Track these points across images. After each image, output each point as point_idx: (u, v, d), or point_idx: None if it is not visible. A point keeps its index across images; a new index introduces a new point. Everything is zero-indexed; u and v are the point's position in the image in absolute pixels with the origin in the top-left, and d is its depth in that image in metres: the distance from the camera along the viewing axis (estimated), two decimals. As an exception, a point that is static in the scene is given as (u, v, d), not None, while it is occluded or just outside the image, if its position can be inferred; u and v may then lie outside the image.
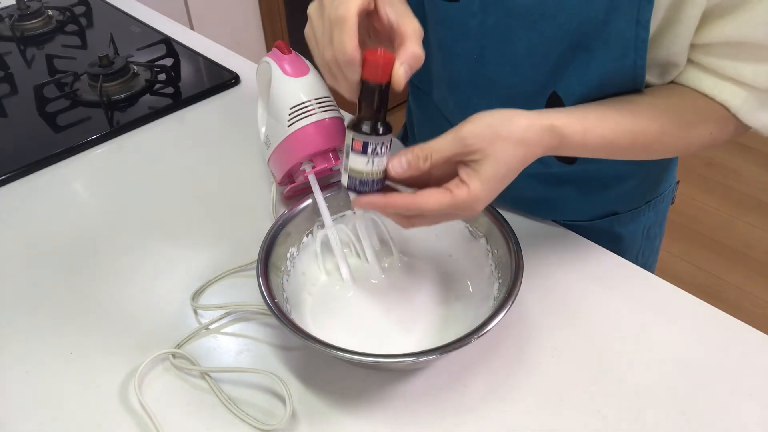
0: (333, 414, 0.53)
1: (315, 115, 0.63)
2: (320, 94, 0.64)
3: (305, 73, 0.65)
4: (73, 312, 0.62)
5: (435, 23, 0.63)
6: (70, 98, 0.93)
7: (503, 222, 0.59)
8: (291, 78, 0.64)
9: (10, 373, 0.57)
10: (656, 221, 0.78)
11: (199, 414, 0.53)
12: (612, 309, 0.61)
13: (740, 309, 1.77)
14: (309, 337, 0.51)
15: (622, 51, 0.53)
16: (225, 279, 0.65)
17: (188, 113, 0.92)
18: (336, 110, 0.65)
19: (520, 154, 0.49)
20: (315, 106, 0.63)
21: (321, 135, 0.63)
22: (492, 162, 0.48)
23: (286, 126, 0.63)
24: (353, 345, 0.50)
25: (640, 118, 0.54)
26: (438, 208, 0.48)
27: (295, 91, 0.64)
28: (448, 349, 0.49)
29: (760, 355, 0.57)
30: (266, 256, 0.58)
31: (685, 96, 0.56)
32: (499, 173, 0.48)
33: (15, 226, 0.73)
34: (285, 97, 0.64)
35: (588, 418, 0.52)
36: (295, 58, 0.66)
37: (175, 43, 1.04)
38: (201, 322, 0.61)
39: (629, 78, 0.55)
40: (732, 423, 0.52)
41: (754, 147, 2.31)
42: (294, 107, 0.63)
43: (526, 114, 0.50)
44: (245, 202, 0.75)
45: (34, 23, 1.12)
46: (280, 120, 0.64)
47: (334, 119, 0.64)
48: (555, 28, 0.54)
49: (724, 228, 2.03)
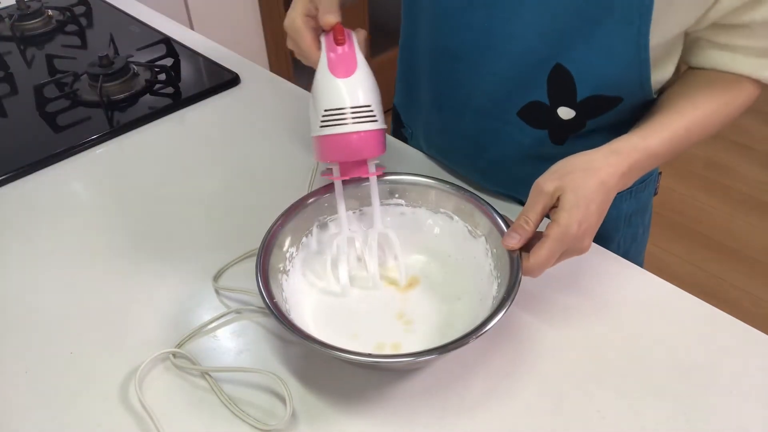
0: (333, 414, 0.53)
1: (347, 126, 0.58)
2: (360, 101, 0.58)
3: (350, 72, 0.59)
4: (73, 312, 0.62)
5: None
6: (70, 98, 0.93)
7: (503, 222, 0.59)
8: (333, 77, 0.58)
9: (10, 372, 0.57)
10: (638, 209, 0.80)
11: (200, 414, 0.53)
12: (612, 309, 0.61)
13: (740, 309, 1.77)
14: (308, 337, 0.51)
15: (627, 19, 0.54)
16: (226, 278, 0.65)
17: (188, 113, 0.92)
18: (374, 121, 0.58)
19: (595, 180, 0.54)
20: (350, 115, 0.58)
21: (350, 147, 0.58)
22: (570, 192, 0.53)
23: (318, 124, 0.59)
24: (353, 345, 0.50)
25: (698, 107, 0.60)
26: (548, 254, 0.53)
27: (334, 92, 0.58)
28: (447, 349, 0.49)
29: (760, 355, 0.57)
30: (265, 256, 0.58)
31: (716, 79, 0.61)
32: (581, 199, 0.53)
33: (15, 226, 0.73)
34: (323, 94, 0.59)
35: (588, 418, 0.52)
36: (345, 52, 0.59)
37: (175, 43, 1.04)
38: (200, 320, 0.61)
39: (633, 46, 0.56)
40: (732, 423, 0.52)
41: (754, 147, 2.31)
42: (329, 110, 0.58)
43: (593, 150, 0.57)
44: (246, 203, 0.75)
45: (34, 23, 1.12)
46: (315, 113, 0.59)
47: (369, 132, 0.58)
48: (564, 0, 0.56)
49: (724, 228, 2.02)
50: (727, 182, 2.19)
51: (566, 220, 0.53)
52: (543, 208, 0.55)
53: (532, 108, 0.65)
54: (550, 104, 0.63)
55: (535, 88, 0.63)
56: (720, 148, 2.28)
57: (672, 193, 2.12)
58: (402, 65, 0.82)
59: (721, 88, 0.61)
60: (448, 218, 0.64)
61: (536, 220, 0.55)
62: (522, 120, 0.67)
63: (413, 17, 0.72)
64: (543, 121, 0.66)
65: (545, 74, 0.61)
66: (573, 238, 0.53)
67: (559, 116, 0.64)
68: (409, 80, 0.80)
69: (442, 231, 0.65)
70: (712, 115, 0.61)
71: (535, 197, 0.55)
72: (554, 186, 0.54)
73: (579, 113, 0.63)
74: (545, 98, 0.63)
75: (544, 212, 0.55)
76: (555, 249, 0.53)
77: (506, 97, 0.66)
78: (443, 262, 0.64)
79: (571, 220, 0.53)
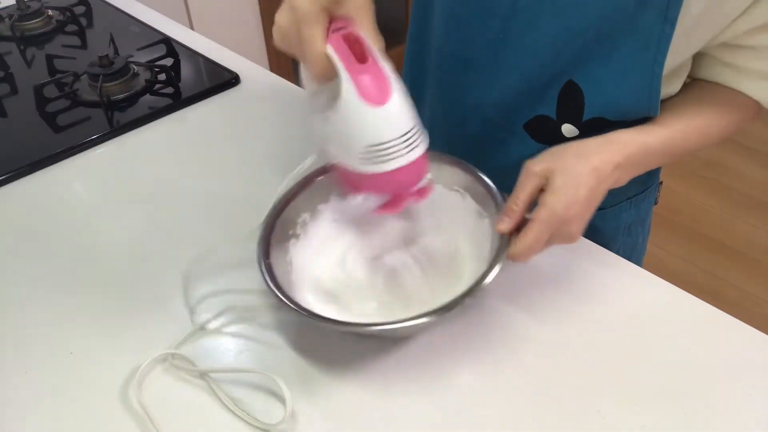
0: (334, 413, 0.53)
1: (397, 160, 0.48)
2: (408, 126, 0.49)
3: (389, 94, 0.47)
4: (73, 312, 0.62)
5: (461, 1, 0.63)
6: (70, 98, 0.93)
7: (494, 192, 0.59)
8: (370, 107, 0.47)
9: (10, 372, 0.57)
10: (638, 219, 0.79)
11: (199, 414, 0.53)
12: (611, 308, 0.61)
13: (740, 309, 1.77)
14: (284, 298, 0.52)
15: (644, 45, 0.54)
16: (226, 278, 0.65)
17: (188, 113, 0.92)
18: (420, 142, 0.50)
19: (587, 165, 0.53)
20: (400, 146, 0.48)
21: (403, 179, 0.50)
22: (559, 174, 0.52)
23: (357, 160, 0.49)
24: (350, 312, 0.53)
25: (698, 115, 0.61)
26: (534, 237, 0.52)
27: (376, 125, 0.48)
28: (444, 312, 0.50)
29: (760, 355, 0.57)
30: (275, 216, 0.59)
31: (718, 91, 0.61)
32: (570, 182, 0.52)
33: (15, 226, 0.73)
34: (359, 128, 0.48)
35: (588, 418, 0.52)
36: (375, 71, 0.47)
37: (175, 43, 1.04)
38: (200, 321, 0.61)
39: (647, 72, 0.56)
40: (732, 423, 0.52)
41: (754, 147, 2.31)
42: (373, 146, 0.48)
43: (588, 138, 0.56)
44: (246, 203, 0.75)
45: (34, 23, 1.12)
46: (348, 147, 0.49)
47: (419, 158, 0.50)
48: (584, 16, 0.55)
49: (724, 228, 2.02)
50: (727, 182, 2.19)
51: (553, 202, 0.52)
52: (532, 188, 0.54)
53: (538, 122, 0.65)
54: (557, 120, 0.63)
55: (545, 103, 0.63)
56: (720, 148, 2.28)
57: (672, 193, 2.11)
58: (408, 66, 0.81)
59: (722, 101, 0.61)
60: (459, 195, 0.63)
61: (525, 200, 0.54)
62: (527, 132, 0.66)
63: (424, 20, 0.71)
64: (546, 136, 0.65)
65: (557, 90, 0.61)
66: (560, 220, 0.52)
67: (563, 133, 0.64)
68: (414, 82, 0.80)
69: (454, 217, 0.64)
70: (711, 124, 0.61)
71: (524, 178, 0.54)
72: (543, 167, 0.53)
73: (582, 133, 0.63)
74: (553, 113, 0.63)
75: (533, 194, 0.54)
76: (542, 231, 0.52)
77: (514, 109, 0.65)
78: (450, 244, 0.63)
79: (558, 202, 0.51)
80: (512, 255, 0.53)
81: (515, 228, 0.54)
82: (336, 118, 0.49)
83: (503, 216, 0.54)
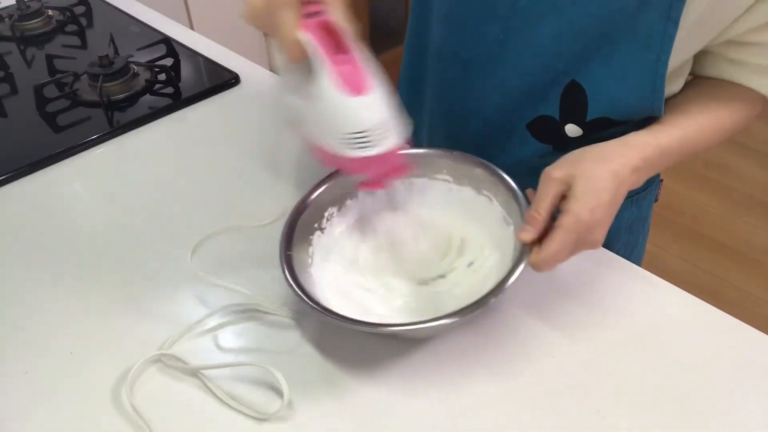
0: (329, 403, 0.53)
1: (374, 148, 0.50)
2: (386, 114, 0.51)
3: (367, 84, 0.49)
4: (73, 312, 0.62)
5: (461, 1, 0.63)
6: (70, 98, 0.93)
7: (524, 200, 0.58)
8: (348, 97, 0.49)
9: (10, 372, 0.57)
10: (639, 217, 0.79)
11: (195, 413, 0.53)
12: (611, 308, 0.61)
13: (740, 309, 1.77)
14: (302, 293, 0.53)
15: (647, 45, 0.54)
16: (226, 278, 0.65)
17: (188, 113, 0.92)
18: (398, 130, 0.52)
19: (608, 168, 0.52)
20: (376, 135, 0.50)
21: (381, 164, 0.53)
22: (581, 179, 0.51)
23: (335, 143, 0.52)
24: (368, 308, 0.54)
25: (707, 112, 0.60)
26: (559, 245, 0.51)
27: (354, 115, 0.50)
28: (456, 316, 0.50)
29: (760, 355, 0.57)
30: (300, 207, 0.60)
31: (724, 87, 0.61)
32: (593, 186, 0.51)
33: (15, 226, 0.73)
34: (338, 117, 0.50)
35: (588, 418, 0.52)
36: (354, 60, 0.49)
37: (175, 43, 1.04)
38: (195, 320, 0.61)
39: (650, 72, 0.56)
40: (732, 423, 0.52)
41: (754, 147, 2.31)
42: (350, 134, 0.50)
43: (604, 142, 0.55)
44: (246, 203, 0.75)
45: (34, 23, 1.12)
46: (327, 132, 0.52)
47: (397, 146, 0.52)
48: (585, 16, 0.55)
49: (724, 228, 2.02)
50: (727, 182, 2.19)
51: (578, 208, 0.50)
52: (553, 195, 0.52)
53: (541, 122, 0.64)
54: (560, 120, 0.63)
55: (547, 103, 0.62)
56: (720, 148, 2.27)
57: (672, 193, 2.11)
58: (406, 66, 0.81)
59: (729, 97, 0.61)
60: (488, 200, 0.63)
61: (547, 208, 0.52)
62: (529, 132, 0.66)
63: (423, 20, 0.71)
64: (549, 136, 0.65)
65: (559, 90, 0.60)
66: (585, 227, 0.51)
67: (566, 133, 0.64)
68: (413, 82, 0.80)
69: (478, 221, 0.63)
70: (721, 120, 0.60)
71: (545, 185, 0.53)
72: (564, 173, 0.52)
73: (585, 133, 0.63)
74: (556, 114, 0.63)
75: (555, 200, 0.53)
76: (566, 240, 0.51)
77: (516, 109, 0.65)
78: (475, 254, 0.63)
79: (583, 207, 0.50)
80: (536, 264, 0.52)
81: (538, 237, 0.53)
82: (314, 105, 0.51)
83: (525, 225, 0.53)
